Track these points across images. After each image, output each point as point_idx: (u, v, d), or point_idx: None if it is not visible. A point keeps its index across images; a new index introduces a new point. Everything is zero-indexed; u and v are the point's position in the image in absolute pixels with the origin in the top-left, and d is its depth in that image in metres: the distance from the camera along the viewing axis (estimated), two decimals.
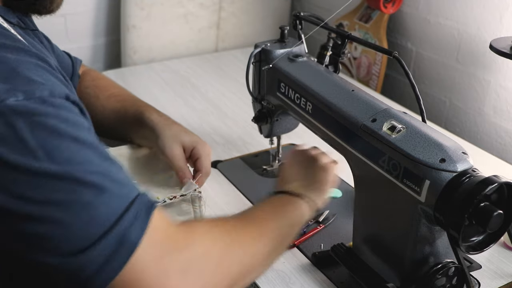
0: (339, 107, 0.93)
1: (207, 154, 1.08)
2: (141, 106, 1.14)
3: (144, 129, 1.09)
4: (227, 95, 1.63)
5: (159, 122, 1.08)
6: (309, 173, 0.98)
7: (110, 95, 1.18)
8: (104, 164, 0.65)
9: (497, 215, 0.73)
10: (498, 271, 0.99)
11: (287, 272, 0.97)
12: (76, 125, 0.65)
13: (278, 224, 0.84)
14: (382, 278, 0.88)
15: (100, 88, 1.20)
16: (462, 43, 1.52)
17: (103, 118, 1.15)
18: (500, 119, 1.46)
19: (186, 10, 1.90)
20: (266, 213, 0.85)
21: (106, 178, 0.63)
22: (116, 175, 0.65)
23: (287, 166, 1.01)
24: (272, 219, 0.84)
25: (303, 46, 1.11)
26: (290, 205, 0.89)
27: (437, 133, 0.82)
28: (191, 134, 1.09)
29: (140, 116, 1.10)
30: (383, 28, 1.69)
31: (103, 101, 1.17)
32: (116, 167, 0.66)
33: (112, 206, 0.62)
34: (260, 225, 0.80)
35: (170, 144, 1.06)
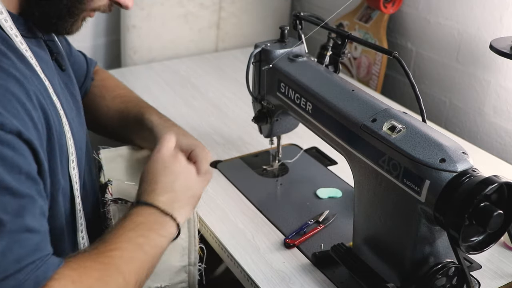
0: (339, 107, 0.93)
1: (204, 158, 1.02)
2: (143, 107, 1.13)
3: (144, 130, 1.09)
4: (227, 95, 1.63)
5: (158, 124, 1.07)
6: (182, 184, 0.91)
7: (116, 96, 1.18)
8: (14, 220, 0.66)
9: (497, 215, 0.73)
10: (498, 271, 0.99)
11: (287, 272, 0.97)
12: (10, 167, 0.66)
13: (143, 258, 0.80)
14: (382, 278, 0.88)
15: (107, 88, 1.20)
16: (462, 43, 1.52)
17: (107, 119, 1.16)
18: (500, 119, 1.46)
19: (186, 10, 1.90)
20: (130, 246, 0.79)
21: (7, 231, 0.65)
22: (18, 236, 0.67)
23: (158, 168, 0.91)
24: (137, 252, 0.80)
25: (303, 46, 1.11)
26: (158, 229, 0.84)
27: (437, 133, 0.82)
28: (190, 137, 1.06)
29: (141, 117, 1.09)
30: (383, 28, 1.69)
31: (108, 102, 1.17)
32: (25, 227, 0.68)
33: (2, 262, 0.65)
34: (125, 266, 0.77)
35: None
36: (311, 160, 1.30)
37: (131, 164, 1.11)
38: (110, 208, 0.94)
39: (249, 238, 1.05)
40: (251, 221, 1.10)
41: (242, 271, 0.98)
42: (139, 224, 0.83)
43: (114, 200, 0.94)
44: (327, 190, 1.19)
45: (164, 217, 0.86)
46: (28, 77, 0.75)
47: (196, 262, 0.97)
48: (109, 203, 0.94)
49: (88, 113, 1.19)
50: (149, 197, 0.87)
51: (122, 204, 0.95)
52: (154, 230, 0.84)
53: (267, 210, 1.13)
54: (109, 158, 1.10)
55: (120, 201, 0.95)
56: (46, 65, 0.86)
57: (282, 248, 1.03)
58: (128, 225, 0.82)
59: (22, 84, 0.71)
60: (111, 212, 0.94)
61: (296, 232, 1.05)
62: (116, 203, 0.94)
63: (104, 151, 1.10)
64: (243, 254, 1.01)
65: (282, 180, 1.24)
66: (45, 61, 0.86)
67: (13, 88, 0.69)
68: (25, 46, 0.78)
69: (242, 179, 1.23)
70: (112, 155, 1.11)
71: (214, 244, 1.06)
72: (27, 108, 0.71)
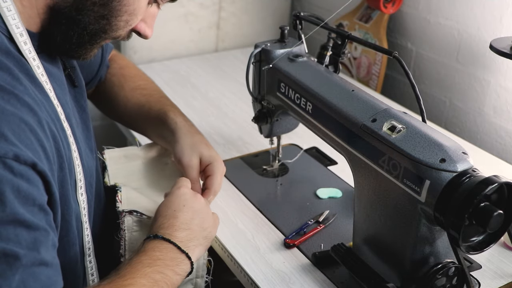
0: (339, 107, 0.93)
1: (221, 173, 1.03)
2: (167, 105, 1.10)
3: (165, 129, 1.06)
4: (227, 95, 1.63)
5: (183, 126, 1.05)
6: (199, 223, 0.90)
7: (136, 87, 1.15)
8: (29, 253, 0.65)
9: (497, 215, 0.73)
10: (498, 271, 0.99)
11: (287, 272, 0.97)
12: (25, 199, 0.65)
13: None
14: (382, 278, 0.88)
15: (126, 77, 1.16)
16: (462, 43, 1.52)
17: (126, 110, 1.13)
18: (500, 119, 1.46)
19: (186, 10, 1.90)
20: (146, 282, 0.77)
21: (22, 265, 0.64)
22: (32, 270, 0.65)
23: (178, 204, 0.91)
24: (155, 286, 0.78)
25: (303, 46, 1.11)
26: (173, 266, 0.83)
27: (437, 133, 0.82)
28: (211, 149, 1.05)
29: (164, 116, 1.07)
30: (383, 28, 1.69)
31: (128, 93, 1.14)
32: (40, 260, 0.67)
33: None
34: None
35: (189, 153, 1.02)
36: (311, 160, 1.30)
37: (134, 164, 1.11)
38: (124, 219, 0.94)
39: (249, 238, 1.05)
40: (251, 221, 1.10)
41: (242, 271, 0.98)
42: (156, 260, 0.81)
43: (129, 212, 0.94)
44: (327, 190, 1.19)
45: (180, 254, 0.84)
46: (40, 103, 0.73)
47: (204, 274, 0.96)
48: (124, 214, 0.94)
49: (106, 102, 1.17)
50: (167, 232, 0.86)
51: (137, 216, 0.94)
52: (170, 267, 0.82)
53: (267, 210, 1.13)
54: (113, 158, 1.09)
55: (135, 212, 0.94)
56: (59, 84, 0.84)
57: (282, 248, 1.03)
58: (145, 260, 0.80)
59: (35, 113, 0.70)
60: (125, 223, 0.94)
61: (296, 232, 1.05)
62: (131, 214, 0.94)
63: (108, 152, 1.09)
64: (243, 254, 1.01)
65: (282, 180, 1.24)
66: (58, 80, 0.85)
67: (26, 117, 0.68)
68: (41, 71, 0.77)
69: (242, 179, 1.23)
70: (117, 155, 1.10)
71: (214, 244, 1.06)
72: (40, 138, 0.69)
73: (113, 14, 0.79)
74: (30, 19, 0.77)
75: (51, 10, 0.77)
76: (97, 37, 0.81)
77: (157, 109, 1.09)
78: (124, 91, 1.14)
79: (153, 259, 0.81)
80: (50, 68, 0.83)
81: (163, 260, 0.82)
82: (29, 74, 0.74)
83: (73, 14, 0.77)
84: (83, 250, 0.88)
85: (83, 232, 0.87)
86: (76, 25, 0.78)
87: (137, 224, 0.94)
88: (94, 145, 0.98)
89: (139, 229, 0.95)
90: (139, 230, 0.95)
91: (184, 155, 1.02)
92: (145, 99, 1.12)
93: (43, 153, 0.70)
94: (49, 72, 0.81)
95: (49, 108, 0.76)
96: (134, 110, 1.12)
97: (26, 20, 0.77)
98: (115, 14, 0.79)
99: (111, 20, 0.79)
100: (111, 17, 0.79)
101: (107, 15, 0.78)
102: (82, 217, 0.86)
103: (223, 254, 1.04)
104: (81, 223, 0.86)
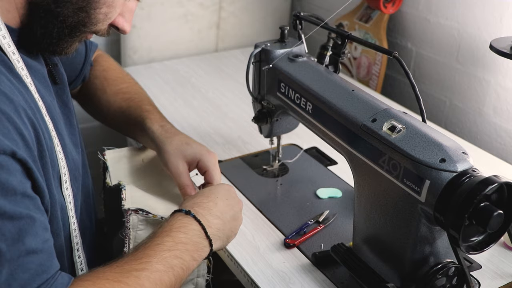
0: (339, 107, 0.93)
1: (214, 164, 1.01)
2: (144, 110, 1.09)
3: (145, 137, 1.06)
4: (227, 95, 1.63)
5: (160, 134, 1.03)
6: (232, 220, 0.91)
7: (118, 91, 1.14)
8: (14, 245, 0.65)
9: (497, 215, 0.73)
10: (498, 271, 0.99)
11: (287, 272, 0.97)
12: (5, 190, 0.65)
13: (171, 281, 0.78)
14: (382, 278, 0.88)
15: (109, 81, 1.15)
16: (462, 43, 1.52)
17: (109, 114, 1.13)
18: (500, 119, 1.46)
19: (186, 10, 1.90)
20: (162, 267, 0.77)
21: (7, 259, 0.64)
22: (19, 261, 0.66)
23: (223, 195, 0.92)
24: (167, 274, 0.77)
25: (303, 46, 1.11)
26: (194, 251, 0.82)
27: (437, 133, 0.82)
28: (194, 145, 1.02)
29: (142, 124, 1.06)
30: (383, 28, 1.69)
31: (110, 97, 1.13)
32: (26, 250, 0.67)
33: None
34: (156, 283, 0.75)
35: (173, 160, 1.00)
36: (311, 160, 1.30)
37: (136, 164, 1.10)
38: (130, 217, 0.93)
39: (249, 238, 1.05)
40: (251, 221, 1.10)
41: (242, 271, 0.98)
42: (178, 243, 0.81)
43: (135, 210, 0.94)
44: (327, 190, 1.19)
45: (205, 240, 0.84)
46: (18, 92, 0.73)
47: (205, 273, 0.96)
48: (130, 212, 0.93)
49: (90, 105, 1.17)
50: (202, 213, 0.86)
51: (143, 215, 0.94)
52: (190, 252, 0.81)
53: (267, 210, 1.13)
54: (114, 159, 1.08)
55: (141, 211, 0.94)
56: (39, 78, 0.84)
57: (282, 248, 1.03)
58: (166, 242, 0.80)
59: (12, 101, 0.70)
60: (130, 221, 0.93)
61: (296, 232, 1.05)
62: (137, 213, 0.94)
63: (109, 152, 1.09)
64: (243, 254, 1.01)
65: (282, 180, 1.24)
66: (39, 75, 0.85)
67: (3, 106, 0.68)
68: (21, 64, 0.77)
69: (242, 179, 1.23)
70: (117, 155, 1.10)
71: None
72: (18, 126, 0.69)
73: (92, 6, 0.79)
74: (8, 14, 0.78)
75: (30, 4, 0.78)
76: (77, 31, 0.81)
77: (136, 116, 1.09)
78: (106, 95, 1.14)
79: (176, 241, 0.81)
80: (30, 62, 0.83)
81: (186, 244, 0.81)
82: (7, 65, 0.75)
83: (51, 7, 0.77)
84: (70, 244, 0.88)
85: (70, 227, 0.87)
86: (55, 18, 0.78)
87: (143, 223, 0.94)
88: (79, 141, 0.98)
89: (144, 227, 0.94)
90: (144, 228, 0.94)
91: (168, 163, 1.00)
92: (126, 104, 1.12)
93: (22, 140, 0.70)
94: (29, 67, 0.81)
95: (29, 99, 0.76)
96: (117, 115, 1.12)
97: (4, 15, 0.77)
98: (94, 6, 0.80)
99: (90, 12, 0.80)
100: (90, 9, 0.80)
101: (86, 7, 0.79)
102: (68, 211, 0.86)
103: (223, 254, 1.04)
104: (68, 217, 0.86)
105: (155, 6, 1.84)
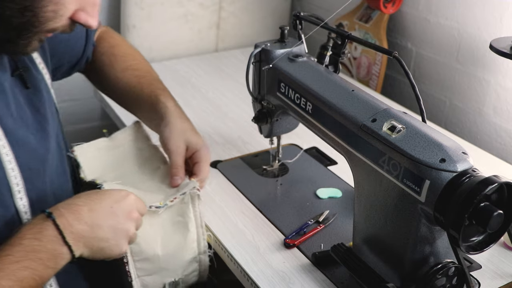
0: (339, 107, 0.93)
1: (207, 160, 1.02)
2: (159, 88, 1.08)
3: (155, 113, 1.04)
4: (227, 95, 1.63)
5: (173, 111, 1.03)
6: (109, 227, 0.82)
7: (127, 67, 1.12)
8: None
9: (497, 215, 0.73)
10: (498, 271, 0.99)
11: (287, 272, 0.97)
12: None
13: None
14: (382, 278, 0.88)
15: (117, 57, 1.13)
16: (462, 43, 1.52)
17: (116, 90, 1.12)
18: (500, 119, 1.46)
19: (186, 10, 1.90)
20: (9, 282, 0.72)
21: None
22: None
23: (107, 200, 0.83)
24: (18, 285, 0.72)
25: (303, 46, 1.11)
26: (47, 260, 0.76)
27: (437, 133, 0.82)
28: (199, 136, 1.04)
29: (155, 99, 1.04)
30: (383, 28, 1.69)
31: (119, 73, 1.11)
32: None
33: None
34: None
35: (176, 139, 1.00)
36: (311, 160, 1.30)
37: (110, 155, 1.06)
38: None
39: (249, 238, 1.05)
40: (251, 221, 1.10)
41: (242, 271, 0.98)
42: (29, 252, 0.75)
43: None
44: (327, 190, 1.19)
45: (62, 247, 0.77)
46: None
47: (206, 250, 0.97)
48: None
49: (97, 81, 1.16)
50: (67, 217, 0.79)
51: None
52: (43, 261, 0.76)
53: (267, 210, 1.13)
54: (87, 154, 1.04)
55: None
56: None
57: (282, 248, 1.03)
58: (16, 253, 0.74)
59: None
60: None
61: (296, 232, 1.05)
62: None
63: (78, 148, 1.03)
64: (243, 254, 1.01)
65: (282, 180, 1.24)
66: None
67: None
68: None
69: (242, 179, 1.23)
70: (88, 150, 1.05)
71: (214, 244, 1.06)
72: None
73: (37, 4, 0.75)
74: None
75: None
76: (27, 31, 0.77)
77: (148, 92, 1.07)
78: (114, 70, 1.12)
79: (27, 250, 0.75)
80: None
81: (38, 252, 0.75)
82: None
83: None
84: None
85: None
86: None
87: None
88: (54, 147, 0.94)
89: None
90: None
91: (171, 140, 1.00)
92: (136, 80, 1.10)
93: None
94: None
95: None
96: (125, 91, 1.10)
97: None
98: (39, 5, 0.75)
99: (37, 11, 0.76)
100: (35, 8, 0.75)
101: (31, 6, 0.75)
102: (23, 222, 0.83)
103: (223, 254, 1.04)
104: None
105: (155, 6, 1.84)
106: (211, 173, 1.24)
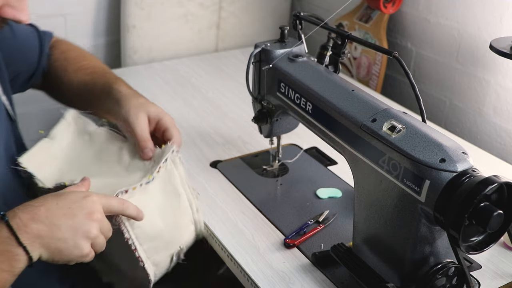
0: (339, 107, 0.93)
1: (173, 124, 1.01)
2: (111, 78, 1.08)
3: (110, 101, 1.03)
4: (227, 95, 1.63)
5: (127, 94, 1.03)
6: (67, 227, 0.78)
7: (79, 68, 1.13)
8: None
9: (497, 215, 0.73)
10: (498, 271, 0.99)
11: (287, 272, 0.97)
12: None
13: None
14: (382, 278, 0.88)
15: (69, 60, 1.14)
16: (462, 43, 1.52)
17: (71, 91, 1.12)
18: (500, 119, 1.46)
19: (186, 10, 1.90)
20: None
21: None
22: None
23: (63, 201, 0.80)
24: None
25: (303, 46, 1.11)
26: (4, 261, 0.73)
27: (437, 133, 0.82)
28: (157, 106, 1.03)
29: (108, 88, 1.04)
30: (383, 28, 1.69)
31: (71, 75, 1.12)
32: None
33: None
34: None
35: (134, 112, 0.99)
36: (311, 160, 1.30)
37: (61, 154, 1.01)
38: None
39: (249, 238, 1.05)
40: (251, 221, 1.10)
41: (242, 271, 0.98)
42: None
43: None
44: (327, 190, 1.19)
45: (17, 248, 0.74)
46: None
47: (199, 208, 0.97)
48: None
49: (54, 89, 1.16)
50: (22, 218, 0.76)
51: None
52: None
53: (267, 210, 1.13)
54: (34, 162, 0.97)
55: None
56: None
57: (282, 248, 1.03)
58: None
59: None
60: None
61: (296, 232, 1.05)
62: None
63: (23, 159, 0.96)
64: (243, 254, 1.01)
65: (282, 180, 1.24)
66: None
67: None
68: None
69: (242, 179, 1.23)
70: (35, 157, 0.98)
71: (214, 244, 1.06)
72: None
73: None
74: None
75: None
76: None
77: (102, 84, 1.07)
78: (67, 73, 1.12)
79: None
80: None
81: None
82: None
83: None
84: None
85: None
86: None
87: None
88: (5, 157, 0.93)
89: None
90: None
91: (130, 115, 0.98)
92: (89, 77, 1.10)
93: None
94: None
95: None
96: (80, 90, 1.10)
97: None
98: None
99: None
100: None
101: None
102: None
103: (223, 254, 1.04)
104: None
105: (155, 6, 1.84)
106: (211, 173, 1.24)
